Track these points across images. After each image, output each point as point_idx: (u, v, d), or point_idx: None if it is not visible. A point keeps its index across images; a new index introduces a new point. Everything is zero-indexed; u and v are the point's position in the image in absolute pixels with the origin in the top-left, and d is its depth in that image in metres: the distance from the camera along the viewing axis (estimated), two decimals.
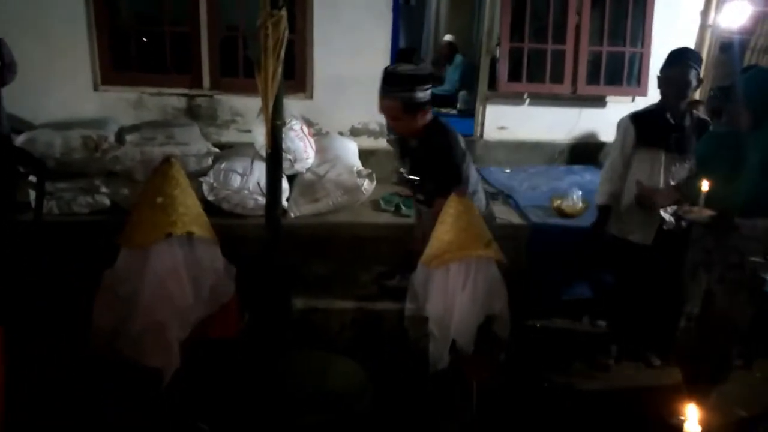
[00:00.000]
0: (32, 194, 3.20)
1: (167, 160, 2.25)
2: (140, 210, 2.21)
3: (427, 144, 2.70)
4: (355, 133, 4.39)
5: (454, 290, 2.43)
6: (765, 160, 2.35)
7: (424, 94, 2.61)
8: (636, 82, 5.08)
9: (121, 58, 4.11)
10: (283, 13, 3.16)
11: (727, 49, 7.57)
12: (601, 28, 5.00)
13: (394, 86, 2.58)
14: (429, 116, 2.70)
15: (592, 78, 5.05)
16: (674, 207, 2.82)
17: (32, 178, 3.20)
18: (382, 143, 4.48)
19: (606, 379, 3.12)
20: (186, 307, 2.18)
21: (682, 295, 2.70)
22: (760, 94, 2.41)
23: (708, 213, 2.43)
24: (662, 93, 2.93)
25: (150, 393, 2.20)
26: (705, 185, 2.40)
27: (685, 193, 2.66)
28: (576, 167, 4.95)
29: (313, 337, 3.12)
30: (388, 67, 2.69)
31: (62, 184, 3.36)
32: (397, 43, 8.12)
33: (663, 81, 2.90)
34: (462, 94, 6.75)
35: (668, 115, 2.89)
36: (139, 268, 2.15)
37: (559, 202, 3.83)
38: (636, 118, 2.98)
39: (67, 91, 3.95)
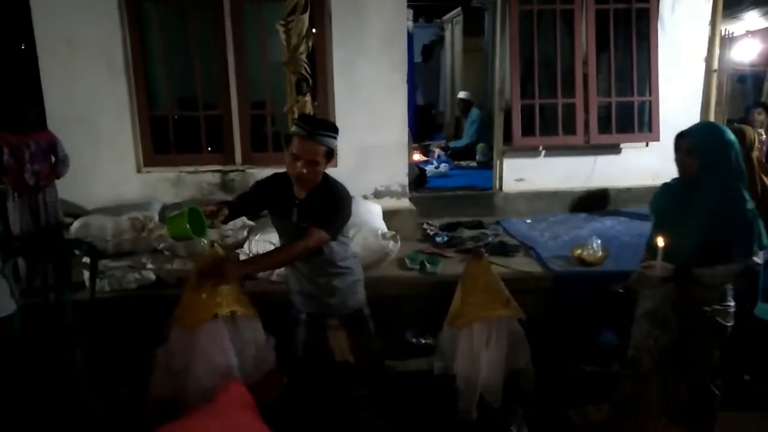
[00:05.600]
0: (86, 274, 3.49)
1: (211, 246, 2.49)
2: (189, 294, 2.45)
3: (321, 193, 2.37)
4: (378, 195, 4.64)
5: (479, 348, 2.61)
6: (710, 207, 2.43)
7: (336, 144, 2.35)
8: (648, 129, 5.26)
9: (161, 142, 4.49)
10: (307, 98, 3.48)
11: (745, 80, 7.71)
12: (608, 80, 5.22)
13: (321, 130, 2.26)
14: None
15: (604, 127, 5.24)
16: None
17: (86, 260, 3.49)
18: (404, 203, 4.72)
19: None
20: (233, 378, 2.38)
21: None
22: (708, 146, 2.48)
23: (667, 267, 2.45)
24: None
25: None
26: (660, 241, 2.44)
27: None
28: (596, 215, 5.09)
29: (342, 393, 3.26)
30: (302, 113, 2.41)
31: (112, 263, 3.64)
32: (414, 99, 8.45)
33: None
34: (480, 146, 6.83)
35: None
36: (190, 345, 2.38)
37: (579, 251, 3.92)
38: None
39: (113, 175, 4.32)
